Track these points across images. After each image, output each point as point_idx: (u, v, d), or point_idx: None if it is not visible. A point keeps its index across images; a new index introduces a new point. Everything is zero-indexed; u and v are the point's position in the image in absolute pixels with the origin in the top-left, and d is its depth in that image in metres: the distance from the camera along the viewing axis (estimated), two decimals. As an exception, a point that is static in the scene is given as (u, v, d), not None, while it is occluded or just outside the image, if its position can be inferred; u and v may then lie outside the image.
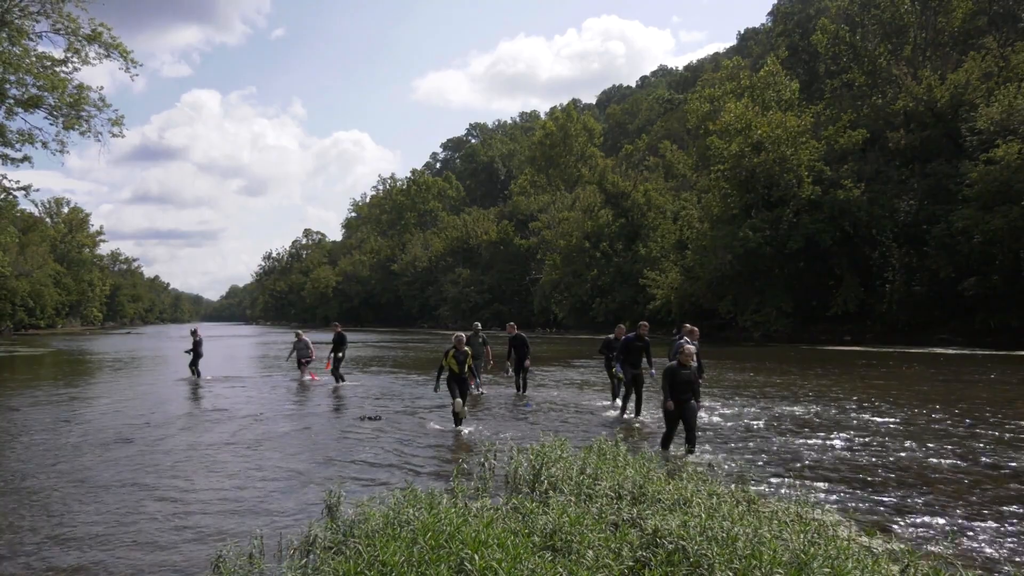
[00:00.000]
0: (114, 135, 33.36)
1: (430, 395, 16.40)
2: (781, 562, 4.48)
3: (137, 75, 35.78)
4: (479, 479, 7.05)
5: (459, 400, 11.23)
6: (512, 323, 17.02)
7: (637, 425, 11.95)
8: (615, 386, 14.02)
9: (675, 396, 9.11)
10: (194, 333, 21.43)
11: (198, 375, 20.69)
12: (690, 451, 9.20)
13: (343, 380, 18.64)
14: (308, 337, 20.17)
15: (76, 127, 32.46)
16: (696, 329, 12.57)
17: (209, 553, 5.57)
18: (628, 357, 12.51)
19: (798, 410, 13.38)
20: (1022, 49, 37.39)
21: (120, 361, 30.30)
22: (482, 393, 11.63)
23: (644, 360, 12.58)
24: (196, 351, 20.85)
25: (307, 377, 19.53)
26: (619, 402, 13.47)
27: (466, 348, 11.49)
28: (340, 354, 18.61)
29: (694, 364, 9.43)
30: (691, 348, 9.38)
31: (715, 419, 12.32)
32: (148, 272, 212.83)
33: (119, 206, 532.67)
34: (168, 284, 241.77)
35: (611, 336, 14.10)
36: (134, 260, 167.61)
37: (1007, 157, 32.07)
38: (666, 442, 9.49)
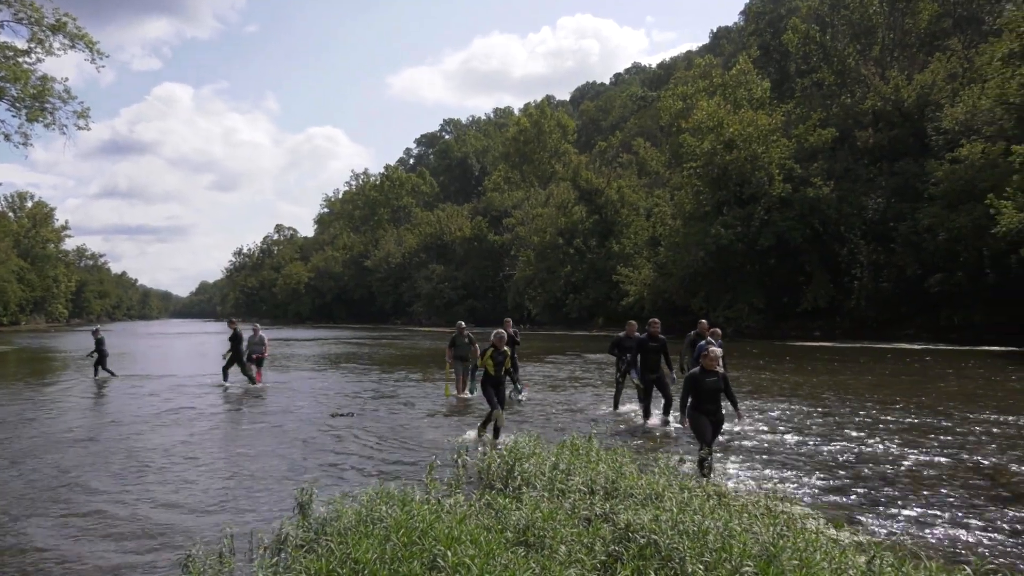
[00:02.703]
0: (80, 128, 32.68)
1: (405, 392, 16.34)
2: (751, 554, 4.53)
3: (104, 66, 35.07)
4: (452, 475, 7.04)
5: (499, 411, 10.04)
6: (508, 319, 16.16)
7: (670, 429, 11.14)
8: (619, 392, 12.99)
9: (701, 407, 7.97)
10: (95, 332, 20.73)
11: (100, 373, 20.15)
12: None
13: (226, 382, 17.66)
14: (264, 333, 19.20)
15: (40, 119, 31.74)
16: (718, 329, 11.63)
17: (178, 552, 5.50)
18: (644, 360, 11.46)
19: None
20: (985, 51, 38.15)
21: (86, 359, 29.67)
22: (524, 399, 10.57)
23: (663, 362, 11.49)
24: (100, 350, 20.23)
25: (254, 378, 18.12)
26: (622, 409, 12.77)
27: (505, 348, 10.28)
28: (232, 353, 17.66)
29: (721, 369, 8.27)
30: (717, 351, 8.26)
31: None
32: (115, 268, 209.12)
33: (86, 201, 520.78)
34: (136, 280, 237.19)
35: (622, 334, 12.76)
36: (101, 256, 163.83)
37: (971, 156, 32.74)
38: (702, 461, 7.71)
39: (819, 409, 12.94)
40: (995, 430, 10.72)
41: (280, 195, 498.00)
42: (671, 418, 11.47)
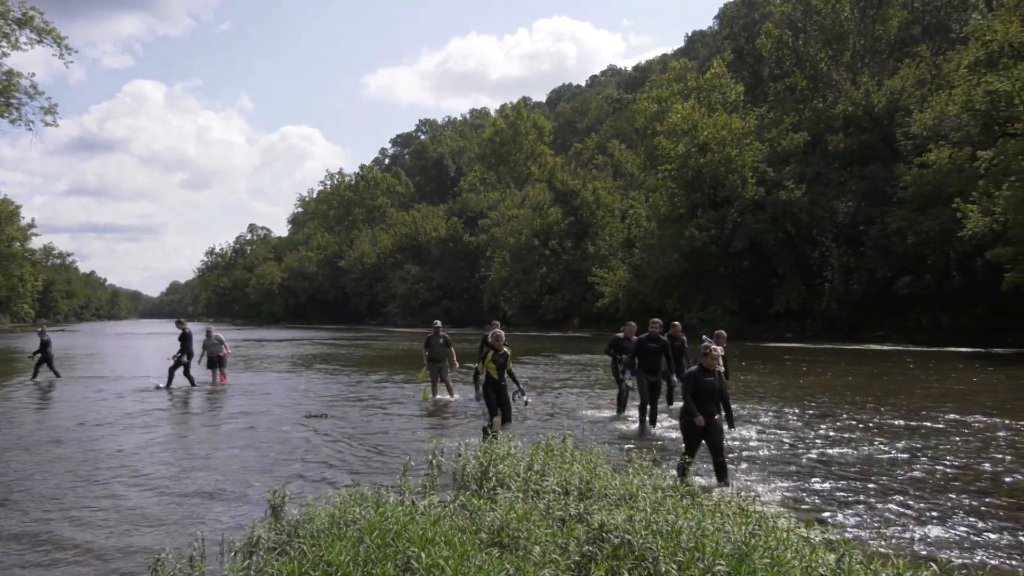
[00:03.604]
0: (47, 124, 32.25)
1: (381, 394, 16.25)
2: (723, 554, 4.56)
3: (72, 62, 34.61)
4: (427, 477, 7.01)
5: (498, 419, 9.58)
6: (496, 320, 15.71)
7: (657, 441, 10.31)
8: (622, 394, 12.30)
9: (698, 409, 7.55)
10: (41, 333, 20.18)
11: (44, 373, 19.76)
12: (723, 481, 7.44)
13: (193, 384, 17.40)
14: (219, 334, 18.82)
15: (5, 115, 31.20)
16: (723, 332, 11.32)
17: (148, 556, 5.41)
18: (643, 362, 10.91)
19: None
20: (953, 58, 38.95)
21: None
22: (527, 402, 10.36)
23: (664, 365, 10.96)
24: (44, 352, 19.71)
25: (218, 380, 18.06)
26: (628, 413, 12.01)
27: (505, 349, 9.90)
28: (184, 355, 17.31)
29: (721, 368, 7.87)
30: (719, 350, 7.84)
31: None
32: (84, 267, 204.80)
33: (54, 198, 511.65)
34: (105, 280, 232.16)
35: (619, 335, 12.33)
36: (69, 255, 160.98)
37: (939, 161, 33.40)
38: (683, 468, 7.28)
39: (799, 410, 13.08)
40: (971, 431, 10.92)
41: (254, 194, 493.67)
42: (655, 429, 10.91)
